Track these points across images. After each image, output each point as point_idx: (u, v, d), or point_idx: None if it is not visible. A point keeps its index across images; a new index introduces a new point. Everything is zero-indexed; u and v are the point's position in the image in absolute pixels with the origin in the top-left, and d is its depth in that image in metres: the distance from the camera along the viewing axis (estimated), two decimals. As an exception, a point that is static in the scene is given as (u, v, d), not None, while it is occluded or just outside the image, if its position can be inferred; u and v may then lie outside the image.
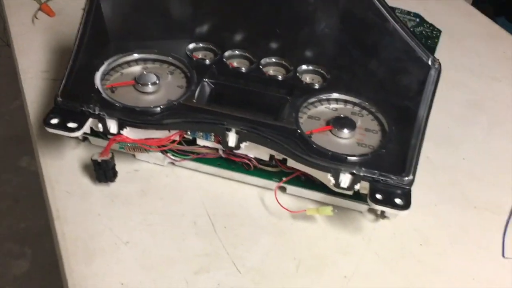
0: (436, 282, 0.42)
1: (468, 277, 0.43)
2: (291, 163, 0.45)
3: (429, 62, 0.45)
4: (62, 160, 0.48)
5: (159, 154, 0.48)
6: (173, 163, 0.49)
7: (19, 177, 1.28)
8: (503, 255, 0.45)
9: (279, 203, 0.45)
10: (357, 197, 0.45)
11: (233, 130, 0.44)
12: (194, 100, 0.45)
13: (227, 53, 0.51)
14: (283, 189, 0.48)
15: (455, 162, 0.54)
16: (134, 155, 0.49)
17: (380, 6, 0.45)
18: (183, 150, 0.47)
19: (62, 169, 0.48)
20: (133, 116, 0.44)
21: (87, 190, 0.46)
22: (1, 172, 1.28)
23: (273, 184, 0.47)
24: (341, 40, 0.48)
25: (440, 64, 0.45)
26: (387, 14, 0.45)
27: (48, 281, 1.10)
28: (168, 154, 0.48)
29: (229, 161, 0.48)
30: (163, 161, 0.48)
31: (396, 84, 0.46)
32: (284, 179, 0.46)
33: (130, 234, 0.43)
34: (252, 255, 0.43)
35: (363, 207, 0.46)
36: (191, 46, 0.52)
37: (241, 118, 0.44)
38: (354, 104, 0.48)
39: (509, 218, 0.48)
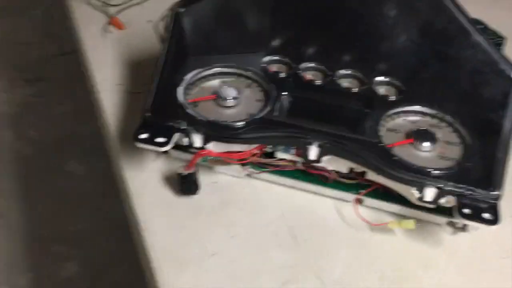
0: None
1: (554, 292, 0.43)
2: (370, 176, 0.45)
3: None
4: (144, 173, 0.50)
5: (237, 166, 0.49)
6: (250, 175, 0.50)
7: (67, 180, 1.31)
8: None
9: (359, 215, 0.46)
10: (437, 210, 0.45)
11: (315, 143, 0.44)
12: (275, 114, 0.46)
13: (302, 66, 0.52)
14: (360, 201, 0.48)
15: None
16: (212, 168, 0.50)
17: (461, 18, 0.45)
18: (262, 163, 0.48)
19: (145, 181, 0.49)
20: (218, 131, 0.45)
21: (171, 202, 0.48)
22: (48, 175, 1.32)
23: (349, 196, 0.48)
24: (419, 52, 0.49)
25: (524, 77, 0.44)
26: (468, 27, 0.45)
27: (96, 284, 1.13)
28: (247, 167, 0.49)
29: (306, 173, 0.48)
30: (241, 173, 0.50)
31: (477, 96, 0.46)
32: (362, 191, 0.47)
33: (216, 246, 0.44)
34: (334, 267, 0.44)
35: (442, 220, 0.46)
36: (266, 59, 0.53)
37: (323, 131, 0.44)
38: (432, 116, 0.48)
39: None
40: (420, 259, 0.45)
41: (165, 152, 0.51)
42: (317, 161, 0.45)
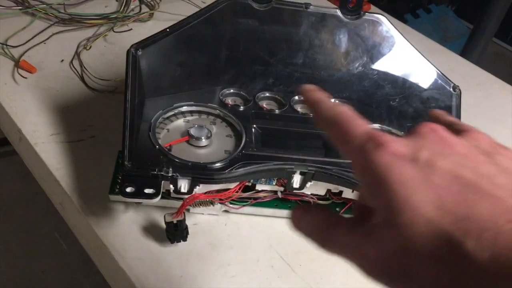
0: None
1: None
2: (347, 194, 0.49)
3: (451, 89, 0.51)
4: (119, 227, 0.46)
5: (217, 205, 0.48)
6: (227, 211, 0.50)
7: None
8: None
9: (345, 233, 0.49)
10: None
11: (298, 172, 0.46)
12: (254, 148, 0.47)
13: (258, 96, 0.53)
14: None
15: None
16: (188, 210, 0.49)
17: (405, 43, 0.50)
18: (243, 197, 0.48)
19: (123, 236, 0.46)
20: (205, 173, 0.44)
21: (159, 253, 0.45)
22: None
23: (326, 215, 0.50)
24: (370, 77, 0.53)
25: (460, 90, 0.51)
26: (412, 51, 0.51)
27: None
28: (227, 203, 0.48)
29: (285, 200, 0.50)
30: (219, 210, 0.49)
31: (421, 110, 0.52)
32: (339, 210, 0.50)
33: (220, 290, 0.43)
34: (334, 286, 0.46)
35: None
36: (222, 92, 0.53)
37: (304, 159, 0.46)
38: (384, 132, 0.53)
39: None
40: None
41: (139, 202, 0.48)
42: (301, 188, 0.47)
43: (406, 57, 0.52)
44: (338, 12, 0.52)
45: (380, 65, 0.53)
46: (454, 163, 0.21)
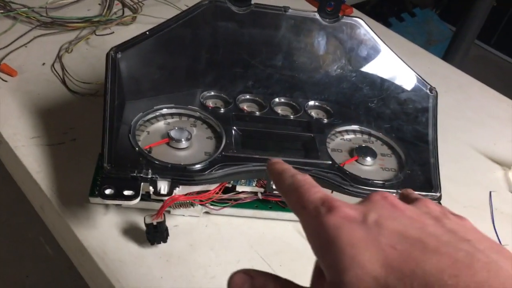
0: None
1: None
2: (326, 195, 0.49)
3: (428, 90, 0.52)
4: (99, 229, 0.47)
5: (197, 206, 0.48)
6: (208, 213, 0.50)
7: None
8: (500, 244, 0.54)
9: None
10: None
11: (277, 173, 0.46)
12: (234, 150, 0.47)
13: (238, 98, 0.54)
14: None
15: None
16: (169, 212, 0.49)
17: (382, 46, 0.51)
18: (223, 199, 0.49)
19: (103, 238, 0.46)
20: (184, 174, 0.44)
21: (139, 255, 0.45)
22: None
23: (306, 216, 0.51)
24: (344, 77, 0.54)
25: (436, 91, 0.52)
26: (389, 53, 0.51)
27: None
28: (207, 205, 0.49)
29: (265, 201, 0.50)
30: (199, 212, 0.49)
31: (403, 112, 0.53)
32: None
33: (200, 290, 0.44)
34: (313, 286, 0.46)
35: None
36: (203, 95, 0.53)
37: (285, 161, 0.47)
38: (363, 133, 0.54)
39: (492, 211, 0.58)
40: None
41: (118, 204, 0.48)
42: (281, 189, 0.47)
43: (384, 60, 0.53)
44: (317, 16, 0.52)
45: (358, 68, 0.54)
46: (402, 224, 0.22)
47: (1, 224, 1.25)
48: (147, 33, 0.49)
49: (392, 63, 0.52)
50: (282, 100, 0.55)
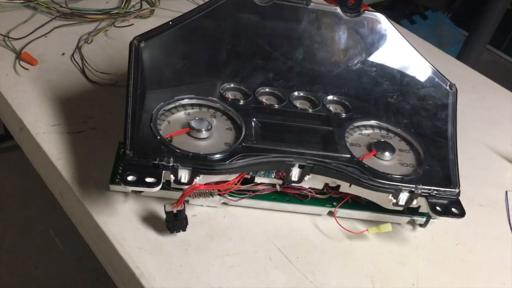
0: (479, 276, 0.50)
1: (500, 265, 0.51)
2: (344, 188, 0.49)
3: (447, 87, 0.52)
4: (119, 216, 0.47)
5: (216, 196, 0.49)
6: (226, 204, 0.50)
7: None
8: (516, 241, 0.54)
9: (342, 227, 0.50)
10: (398, 211, 0.51)
11: (296, 165, 0.47)
12: (254, 141, 0.47)
13: (258, 92, 0.54)
14: (330, 213, 0.52)
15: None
16: (188, 201, 0.49)
17: (404, 42, 0.51)
18: (242, 190, 0.49)
19: (122, 225, 0.46)
20: (205, 164, 0.44)
21: (158, 243, 0.46)
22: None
23: (323, 210, 0.51)
24: (364, 72, 0.54)
25: (456, 88, 0.52)
26: (411, 49, 0.52)
27: None
28: (226, 195, 0.49)
29: (283, 194, 0.50)
30: (217, 203, 0.49)
31: (422, 108, 0.53)
32: (337, 204, 0.50)
33: (217, 279, 0.44)
34: (330, 279, 0.46)
35: (403, 219, 0.52)
36: (222, 87, 0.53)
37: (304, 153, 0.47)
38: (381, 128, 0.54)
39: (508, 210, 0.58)
40: (396, 257, 0.50)
41: (139, 191, 0.49)
42: (300, 181, 0.48)
43: (404, 55, 0.53)
44: (338, 10, 0.52)
45: (378, 62, 0.54)
46: None
47: (13, 215, 1.26)
48: (170, 23, 0.50)
49: (412, 58, 0.53)
50: (301, 94, 0.55)
